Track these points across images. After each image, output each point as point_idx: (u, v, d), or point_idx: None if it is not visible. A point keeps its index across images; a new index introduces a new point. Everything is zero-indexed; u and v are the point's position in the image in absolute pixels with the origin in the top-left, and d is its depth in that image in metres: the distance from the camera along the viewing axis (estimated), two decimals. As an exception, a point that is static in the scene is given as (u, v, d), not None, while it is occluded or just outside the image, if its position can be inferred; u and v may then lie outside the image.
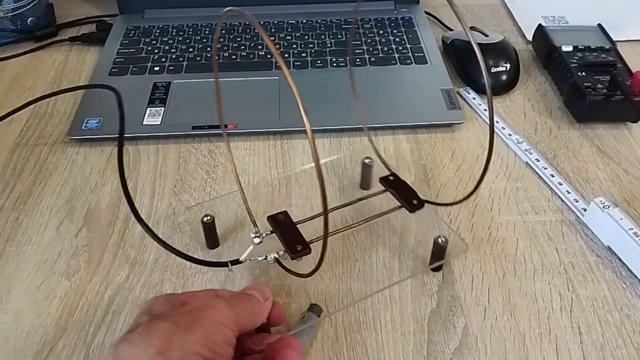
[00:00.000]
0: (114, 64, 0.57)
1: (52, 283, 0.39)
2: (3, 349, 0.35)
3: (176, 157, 0.48)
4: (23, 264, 0.40)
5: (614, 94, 0.51)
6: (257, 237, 0.37)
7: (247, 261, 0.37)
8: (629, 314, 0.37)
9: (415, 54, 0.59)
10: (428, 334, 0.36)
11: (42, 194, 0.45)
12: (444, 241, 0.38)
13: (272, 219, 0.37)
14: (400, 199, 0.40)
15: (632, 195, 0.46)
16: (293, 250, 0.35)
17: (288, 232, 0.36)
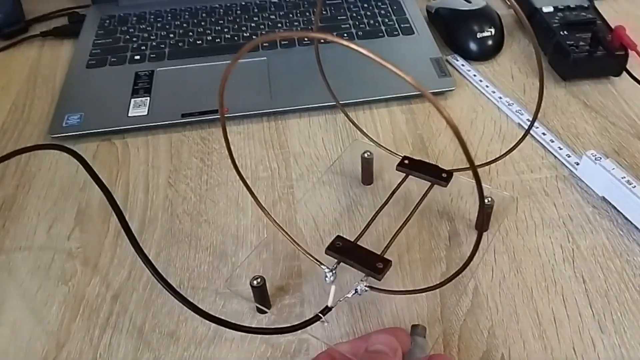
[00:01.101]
0: (90, 55, 0.56)
1: (48, 289, 0.38)
2: None
3: (167, 148, 0.48)
4: (15, 273, 0.39)
5: (596, 50, 0.53)
6: (332, 274, 0.34)
7: (337, 304, 0.34)
8: (629, 259, 0.39)
9: (401, 25, 0.60)
10: (440, 298, 0.37)
11: (27, 198, 0.44)
12: (491, 201, 0.39)
13: (332, 249, 0.35)
14: (429, 178, 0.40)
15: (620, 146, 0.48)
16: (377, 270, 0.33)
17: (357, 255, 0.35)
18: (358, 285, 0.34)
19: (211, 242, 0.41)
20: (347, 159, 0.47)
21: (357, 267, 0.34)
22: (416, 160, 0.42)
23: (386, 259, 0.34)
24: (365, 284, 0.34)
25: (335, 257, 0.35)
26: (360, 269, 0.34)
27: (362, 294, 0.34)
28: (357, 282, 0.34)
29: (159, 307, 0.37)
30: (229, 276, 0.38)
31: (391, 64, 0.23)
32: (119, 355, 0.35)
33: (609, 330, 0.35)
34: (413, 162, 0.41)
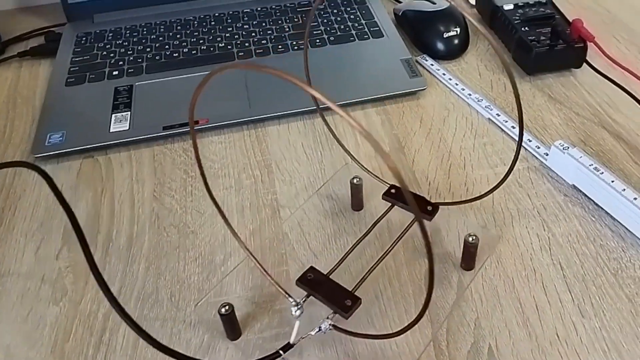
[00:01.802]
0: (69, 73, 0.53)
1: (40, 311, 0.36)
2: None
3: (151, 161, 0.46)
4: (5, 296, 0.37)
5: (556, 43, 0.53)
6: (298, 308, 0.31)
7: (300, 341, 0.32)
8: (602, 243, 0.39)
9: (371, 28, 0.58)
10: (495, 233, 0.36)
11: (13, 219, 0.42)
12: (475, 239, 0.35)
13: (303, 281, 0.32)
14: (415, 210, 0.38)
15: (586, 135, 0.47)
16: (344, 308, 0.30)
17: (326, 289, 0.32)
18: (322, 323, 0.31)
19: (200, 253, 0.39)
20: (337, 182, 0.43)
21: (326, 302, 0.31)
22: None
23: (356, 297, 0.31)
24: (331, 323, 0.31)
25: (305, 290, 0.32)
26: (328, 305, 0.31)
27: (326, 333, 0.31)
28: (323, 320, 0.31)
29: (151, 322, 0.35)
30: (199, 302, 0.36)
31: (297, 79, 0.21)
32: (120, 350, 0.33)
33: (589, 314, 0.35)
34: (400, 192, 0.38)
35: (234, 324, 0.33)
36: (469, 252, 0.36)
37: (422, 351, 0.32)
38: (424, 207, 0.37)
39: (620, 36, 0.58)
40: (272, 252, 0.39)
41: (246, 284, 0.37)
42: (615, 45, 0.57)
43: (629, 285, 0.36)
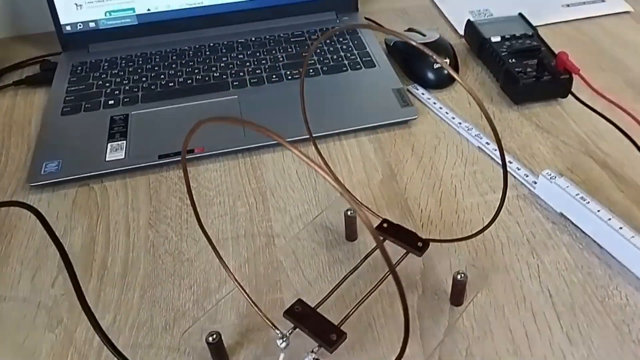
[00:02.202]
0: (64, 102, 0.55)
1: (35, 338, 0.37)
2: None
3: (146, 189, 0.47)
4: (1, 324, 0.38)
5: (542, 75, 0.55)
6: (283, 341, 0.32)
7: None
8: (589, 271, 0.40)
9: (363, 59, 0.61)
10: (419, 320, 0.37)
11: (9, 248, 0.43)
12: (464, 277, 0.36)
13: (290, 314, 0.33)
14: (405, 245, 0.38)
15: (573, 164, 0.49)
16: (329, 342, 0.31)
17: (313, 322, 0.32)
18: (307, 357, 0.32)
19: (195, 281, 0.40)
20: (333, 211, 0.44)
21: (311, 336, 0.32)
22: (394, 224, 0.39)
23: (341, 331, 0.32)
24: (314, 356, 0.32)
25: (292, 322, 0.33)
26: (313, 338, 0.32)
27: None
28: (307, 353, 0.32)
29: (145, 349, 0.36)
30: (187, 329, 0.36)
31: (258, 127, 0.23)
32: None
33: (577, 342, 0.36)
34: (391, 226, 0.39)
35: (222, 352, 0.34)
36: (457, 289, 0.37)
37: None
38: (415, 243, 0.38)
39: (606, 65, 0.61)
40: (267, 280, 0.40)
41: (240, 312, 0.38)
42: (601, 75, 0.60)
43: (616, 312, 0.37)
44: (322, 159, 0.44)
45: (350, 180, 0.48)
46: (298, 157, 0.22)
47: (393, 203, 0.46)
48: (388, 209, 0.45)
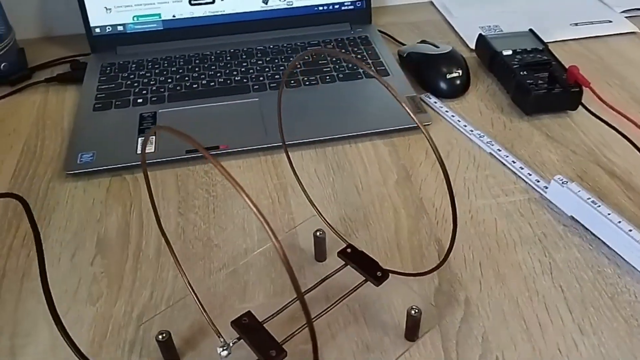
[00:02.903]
0: (96, 100, 0.58)
1: (77, 311, 0.39)
2: (40, 379, 0.35)
3: (174, 181, 0.50)
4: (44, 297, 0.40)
5: (553, 87, 0.58)
6: (224, 349, 0.33)
7: None
8: (599, 270, 0.43)
9: (377, 67, 0.64)
10: (436, 309, 0.40)
11: (48, 229, 0.46)
12: (417, 312, 0.36)
13: (236, 324, 0.34)
14: (363, 273, 0.38)
15: (582, 172, 0.52)
16: (267, 358, 0.32)
17: (257, 336, 0.33)
18: None
19: (223, 264, 0.42)
20: (303, 232, 0.44)
21: (252, 349, 0.33)
22: (358, 251, 0.40)
23: (282, 349, 0.32)
24: None
25: (237, 332, 0.34)
26: (254, 352, 0.33)
27: None
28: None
29: (180, 322, 0.38)
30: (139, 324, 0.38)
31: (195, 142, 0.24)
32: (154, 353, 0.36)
33: (588, 332, 0.38)
34: (355, 252, 0.40)
35: (172, 351, 0.35)
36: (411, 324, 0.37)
37: None
38: (374, 272, 0.38)
39: (613, 82, 0.65)
40: (290, 268, 0.42)
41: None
42: (607, 90, 0.63)
43: (625, 308, 0.40)
44: (292, 167, 0.44)
45: (367, 180, 0.51)
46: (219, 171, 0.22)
47: (409, 202, 0.48)
48: (404, 207, 0.48)
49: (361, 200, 0.49)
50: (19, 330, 0.38)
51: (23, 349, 0.37)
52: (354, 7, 0.72)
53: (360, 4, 0.72)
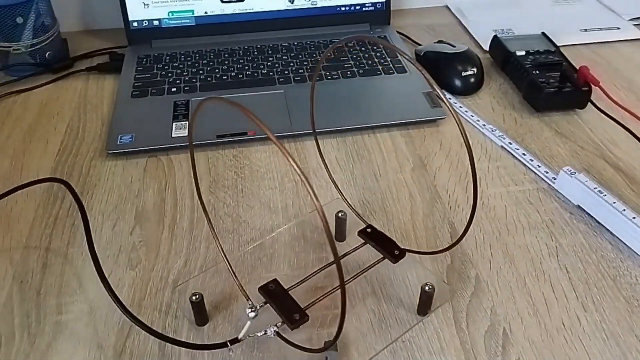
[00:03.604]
0: (133, 88, 0.61)
1: (118, 274, 0.42)
2: (86, 333, 0.38)
3: (205, 162, 0.52)
4: (88, 261, 0.43)
5: (565, 86, 0.60)
6: (252, 311, 0.35)
7: (246, 338, 0.35)
8: (603, 254, 0.44)
9: (395, 65, 0.66)
10: (449, 286, 0.41)
11: (91, 202, 0.48)
12: (431, 288, 0.37)
13: (264, 290, 0.36)
14: (382, 251, 0.40)
15: (589, 165, 0.53)
16: (291, 320, 0.34)
17: (282, 301, 0.35)
18: (269, 328, 0.34)
19: (251, 238, 0.45)
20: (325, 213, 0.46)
21: (277, 311, 0.34)
22: (377, 231, 0.41)
23: (305, 314, 0.34)
24: (276, 329, 0.34)
25: (264, 297, 0.36)
26: (279, 314, 0.34)
27: (270, 337, 0.35)
28: (271, 325, 0.34)
29: (212, 287, 0.41)
30: (174, 287, 0.41)
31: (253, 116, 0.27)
32: (184, 324, 0.38)
33: (591, 309, 0.40)
34: (374, 232, 0.41)
35: (202, 312, 0.37)
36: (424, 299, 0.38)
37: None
38: (392, 250, 0.39)
39: (620, 84, 0.66)
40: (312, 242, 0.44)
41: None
42: (615, 91, 0.64)
43: (626, 289, 0.41)
44: (320, 152, 0.46)
45: (384, 167, 0.53)
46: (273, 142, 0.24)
47: (423, 188, 0.50)
48: (419, 193, 0.50)
49: (379, 186, 0.50)
50: (65, 290, 0.41)
51: (68, 307, 0.40)
52: (374, 8, 0.74)
53: (380, 5, 0.74)
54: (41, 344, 0.37)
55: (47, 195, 0.49)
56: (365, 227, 0.42)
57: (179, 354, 0.36)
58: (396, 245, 0.40)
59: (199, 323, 0.38)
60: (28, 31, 0.63)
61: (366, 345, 0.37)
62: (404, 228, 0.46)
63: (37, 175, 0.51)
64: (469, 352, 0.37)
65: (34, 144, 0.55)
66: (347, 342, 0.37)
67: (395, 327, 0.38)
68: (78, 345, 0.37)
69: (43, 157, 0.53)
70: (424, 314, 0.39)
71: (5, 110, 0.60)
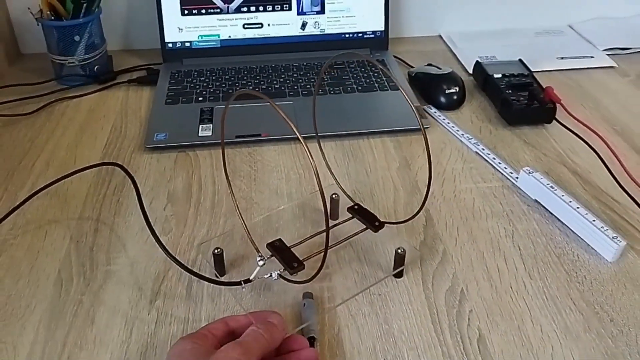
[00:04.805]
0: (167, 96, 0.72)
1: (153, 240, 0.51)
2: (129, 279, 0.47)
3: (225, 157, 0.62)
4: (130, 229, 0.53)
5: (532, 103, 0.69)
6: (261, 260, 0.44)
7: (256, 279, 0.44)
8: (552, 237, 0.52)
9: (389, 83, 0.76)
10: (420, 255, 0.50)
11: (131, 185, 0.58)
12: (403, 251, 0.46)
13: (271, 245, 0.45)
14: (365, 222, 0.49)
15: (550, 169, 0.62)
16: (291, 267, 0.43)
17: (285, 254, 0.44)
18: (274, 272, 0.44)
19: (260, 214, 0.54)
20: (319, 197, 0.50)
21: (280, 261, 0.44)
22: (363, 208, 0.50)
23: (302, 263, 0.43)
24: (279, 273, 0.44)
25: (270, 251, 0.45)
26: (281, 263, 0.44)
27: (275, 279, 0.44)
28: (275, 270, 0.44)
29: (229, 249, 0.50)
30: (199, 244, 0.50)
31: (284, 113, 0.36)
32: (207, 269, 0.48)
33: (536, 277, 0.48)
34: (360, 209, 0.50)
35: (221, 263, 0.47)
36: (397, 259, 0.47)
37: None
38: (373, 222, 0.49)
39: (587, 104, 0.75)
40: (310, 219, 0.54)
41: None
42: (582, 110, 0.73)
43: (568, 264, 0.50)
44: (323, 154, 0.56)
45: (374, 166, 0.62)
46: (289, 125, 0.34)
47: (406, 182, 0.59)
48: (402, 186, 0.59)
49: (369, 180, 0.60)
50: (112, 248, 0.51)
51: (115, 260, 0.49)
52: (374, 36, 0.85)
53: (380, 33, 0.85)
54: (94, 286, 0.47)
55: (97, 179, 0.59)
56: (353, 204, 0.51)
57: (202, 295, 0.46)
58: (377, 219, 0.49)
59: (219, 273, 0.47)
60: (82, 48, 0.75)
61: (349, 294, 0.46)
62: (387, 212, 0.55)
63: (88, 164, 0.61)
64: (432, 303, 0.45)
65: (84, 140, 0.66)
66: (334, 294, 0.46)
67: (372, 282, 0.47)
68: (123, 288, 0.46)
69: (92, 149, 0.64)
70: (399, 275, 0.48)
71: (60, 112, 0.72)
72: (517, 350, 0.42)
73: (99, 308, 0.45)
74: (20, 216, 0.54)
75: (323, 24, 0.83)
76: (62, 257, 0.50)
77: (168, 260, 0.47)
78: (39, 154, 0.63)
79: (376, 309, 0.45)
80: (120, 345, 0.42)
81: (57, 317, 0.44)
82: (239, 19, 0.81)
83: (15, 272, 0.48)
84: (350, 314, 0.44)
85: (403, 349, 0.42)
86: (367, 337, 0.43)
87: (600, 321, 0.44)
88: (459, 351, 0.42)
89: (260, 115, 0.68)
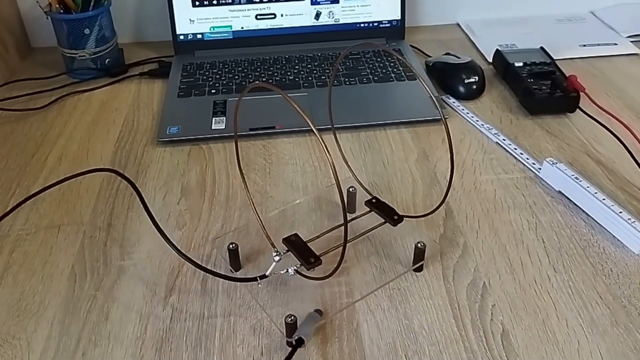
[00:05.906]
0: (179, 89, 0.72)
1: (168, 232, 0.51)
2: (143, 275, 0.47)
3: (240, 150, 0.62)
4: (144, 223, 0.53)
5: (555, 92, 0.68)
6: (277, 255, 0.43)
7: (272, 275, 0.44)
8: (576, 229, 0.51)
9: (407, 73, 0.75)
10: (440, 249, 0.49)
11: (145, 178, 0.58)
12: (423, 245, 0.45)
13: (287, 240, 0.44)
14: (383, 216, 0.48)
15: (573, 159, 0.61)
16: (308, 263, 0.42)
17: (301, 249, 0.43)
18: (290, 267, 0.43)
19: (275, 208, 0.54)
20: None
21: (296, 256, 0.43)
22: (381, 201, 0.49)
23: (319, 258, 0.42)
24: (295, 268, 0.43)
25: (286, 246, 0.44)
26: (297, 258, 0.43)
27: (291, 275, 0.43)
28: (292, 266, 0.43)
29: (245, 244, 0.50)
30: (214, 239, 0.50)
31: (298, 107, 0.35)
32: (221, 270, 0.47)
33: (561, 270, 0.47)
34: (378, 202, 0.49)
35: (237, 258, 0.46)
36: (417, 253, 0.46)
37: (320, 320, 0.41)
38: (392, 216, 0.48)
39: (610, 92, 0.73)
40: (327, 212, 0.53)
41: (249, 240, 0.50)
42: (605, 99, 0.71)
43: (593, 256, 0.48)
44: (339, 146, 0.55)
45: (392, 157, 0.61)
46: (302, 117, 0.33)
47: (425, 174, 0.59)
48: (421, 178, 0.58)
49: (386, 172, 0.59)
50: (126, 243, 0.51)
51: (129, 255, 0.49)
52: (390, 25, 0.84)
53: (396, 22, 0.84)
54: (108, 282, 0.47)
55: (110, 174, 0.59)
56: (370, 198, 0.50)
57: (218, 291, 0.45)
58: (396, 212, 0.48)
59: (234, 268, 0.47)
60: (92, 41, 0.75)
61: (368, 289, 0.46)
62: (406, 205, 0.55)
63: (100, 158, 0.62)
64: (453, 298, 0.45)
65: (97, 133, 0.66)
66: (353, 288, 0.46)
67: (392, 277, 0.47)
68: (137, 283, 0.46)
69: (105, 143, 0.64)
70: (417, 269, 0.47)
71: (72, 106, 0.72)
72: (542, 345, 0.41)
73: (113, 304, 0.45)
74: (34, 211, 0.54)
75: (337, 14, 0.82)
76: (75, 252, 0.50)
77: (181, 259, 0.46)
78: (52, 148, 0.64)
79: (396, 303, 0.44)
80: (135, 341, 0.42)
81: (71, 313, 0.44)
82: (251, 10, 0.80)
83: (29, 268, 0.48)
84: (369, 308, 0.44)
85: (424, 345, 0.41)
86: (387, 333, 0.42)
87: (628, 315, 0.43)
88: (482, 346, 0.41)
89: (274, 107, 0.68)
